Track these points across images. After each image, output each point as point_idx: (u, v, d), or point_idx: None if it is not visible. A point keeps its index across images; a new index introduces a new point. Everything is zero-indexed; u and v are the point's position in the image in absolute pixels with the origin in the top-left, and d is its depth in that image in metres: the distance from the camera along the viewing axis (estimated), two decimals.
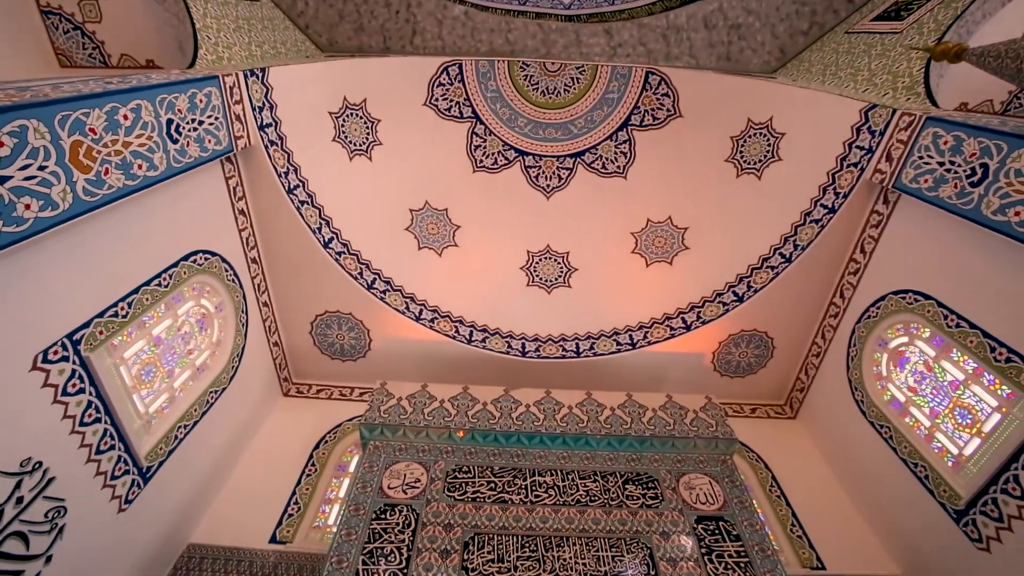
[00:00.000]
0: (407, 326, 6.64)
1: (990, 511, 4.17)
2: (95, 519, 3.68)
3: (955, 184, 4.43)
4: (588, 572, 4.15)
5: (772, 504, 5.82)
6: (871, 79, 6.43)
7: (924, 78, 5.75)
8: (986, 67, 4.54)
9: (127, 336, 4.01)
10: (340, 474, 5.84)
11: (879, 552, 5.25)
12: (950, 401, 4.76)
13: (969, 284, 4.50)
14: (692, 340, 6.83)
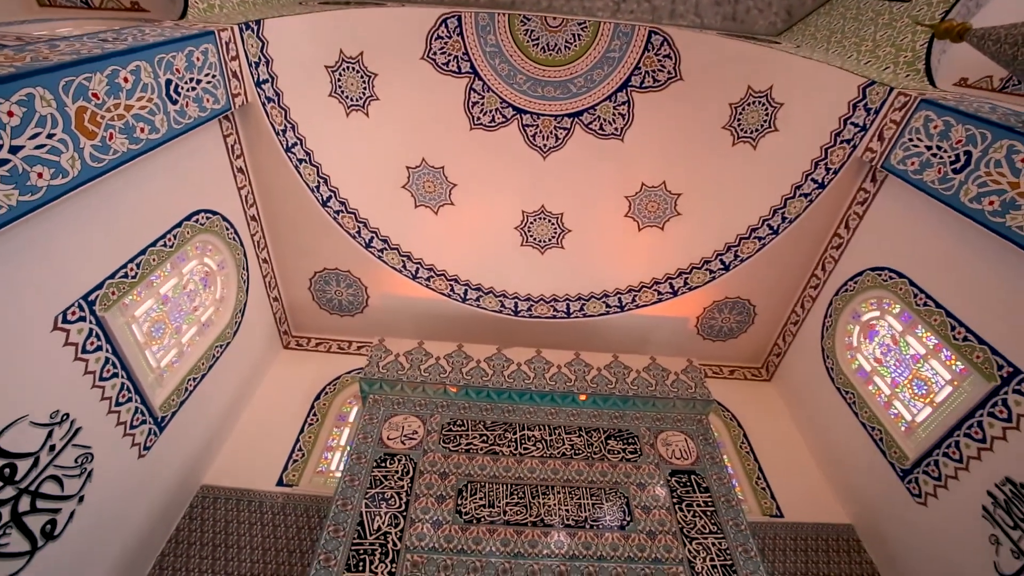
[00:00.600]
0: (404, 284, 6.83)
1: (931, 471, 4.64)
2: (118, 464, 3.98)
3: (939, 169, 4.59)
4: (570, 517, 4.59)
5: (741, 459, 6.33)
6: (874, 50, 6.40)
7: (926, 55, 5.75)
8: (985, 50, 4.59)
9: (137, 295, 4.17)
10: (340, 423, 6.21)
11: (833, 503, 5.82)
12: (910, 373, 5.14)
13: (940, 266, 4.76)
14: (678, 305, 7.12)
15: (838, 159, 5.84)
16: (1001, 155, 4.05)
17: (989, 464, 4.14)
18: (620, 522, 4.60)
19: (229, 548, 4.67)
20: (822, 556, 5.32)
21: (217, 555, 4.61)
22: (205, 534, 4.74)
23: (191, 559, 4.56)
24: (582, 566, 4.23)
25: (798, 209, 6.24)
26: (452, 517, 4.48)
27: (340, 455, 5.88)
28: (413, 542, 4.24)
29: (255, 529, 4.83)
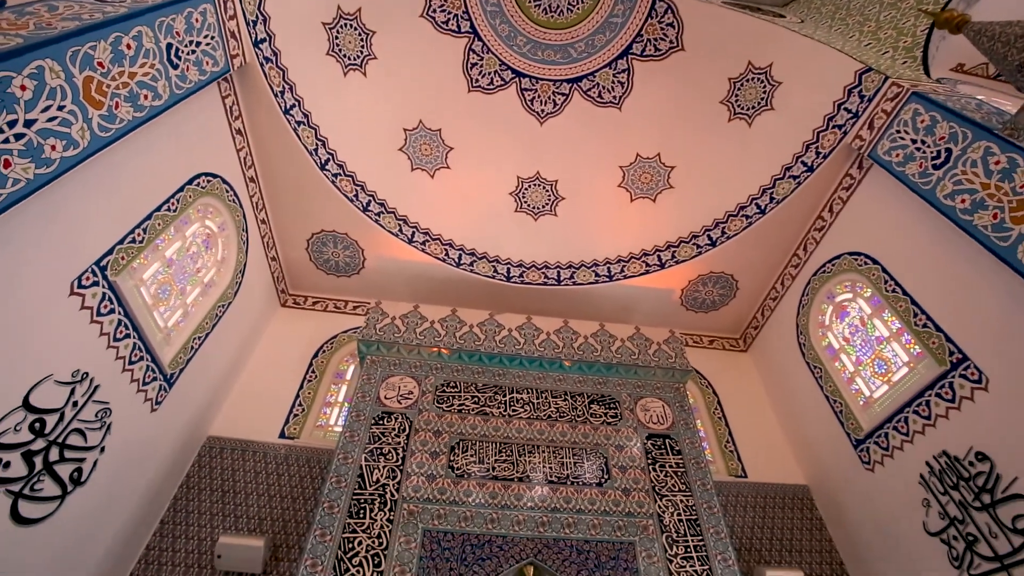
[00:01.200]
0: (400, 247, 6.98)
1: (881, 442, 5.11)
2: (133, 417, 4.25)
3: (921, 163, 4.78)
4: (553, 474, 5.02)
5: (714, 424, 6.82)
6: (876, 31, 6.42)
7: (925, 42, 5.81)
8: (979, 46, 4.70)
9: (144, 259, 4.30)
10: (338, 381, 6.52)
11: (792, 466, 6.36)
12: (873, 353, 5.53)
13: (911, 256, 5.04)
14: (664, 277, 7.39)
15: (829, 144, 5.99)
16: (978, 156, 4.25)
17: (930, 438, 4.60)
18: (598, 479, 5.04)
19: (237, 494, 5.05)
20: (778, 512, 5.89)
21: (226, 500, 4.99)
22: (214, 481, 5.11)
23: (202, 503, 4.93)
24: (562, 517, 4.68)
25: (786, 191, 6.42)
26: (445, 472, 4.86)
27: (338, 411, 6.22)
28: (409, 493, 4.63)
29: (260, 477, 5.21)
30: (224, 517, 4.85)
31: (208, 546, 4.62)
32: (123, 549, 4.30)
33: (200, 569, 4.46)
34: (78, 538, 3.78)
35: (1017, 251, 3.85)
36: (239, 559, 4.41)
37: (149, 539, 4.59)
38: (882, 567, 5.02)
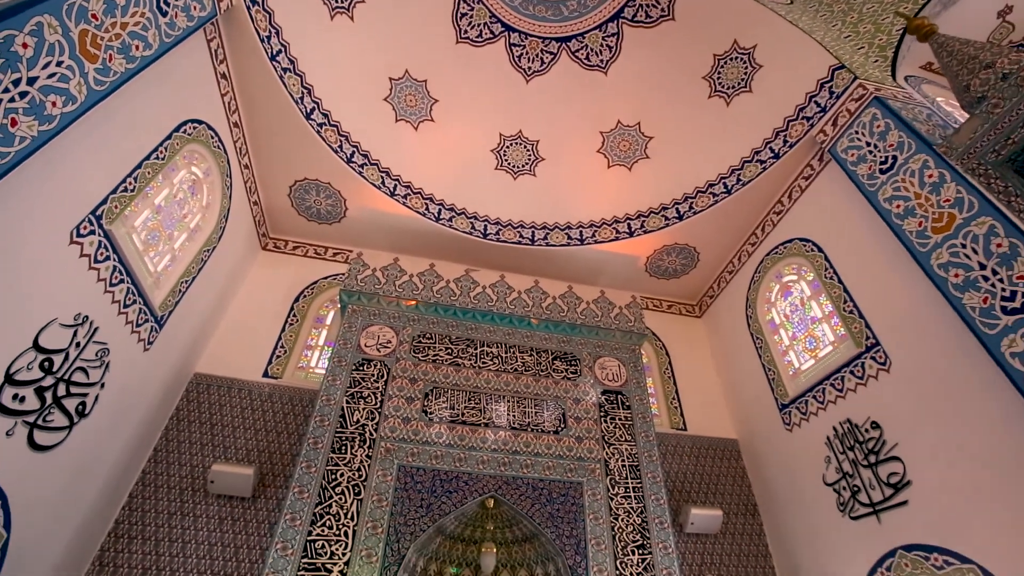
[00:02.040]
0: (382, 200, 7.13)
1: (800, 407, 5.90)
2: (129, 356, 4.53)
3: (870, 166, 5.23)
4: (516, 421, 5.61)
5: (663, 381, 7.55)
6: (857, 25, 6.64)
7: (898, 42, 6.10)
8: (940, 58, 5.06)
9: (135, 207, 4.41)
10: (319, 325, 6.86)
11: (726, 422, 7.21)
12: (806, 331, 6.23)
13: (850, 248, 5.61)
14: (632, 244, 7.83)
15: (796, 134, 6.35)
16: (917, 167, 4.72)
17: (839, 407, 5.37)
18: (555, 428, 5.67)
19: (225, 427, 5.47)
20: (709, 461, 6.75)
21: (215, 432, 5.42)
22: (202, 414, 5.50)
23: (192, 434, 5.35)
24: (521, 459, 5.31)
25: (753, 173, 6.82)
26: (419, 415, 5.39)
27: (319, 354, 6.60)
28: (386, 433, 5.15)
29: (246, 412, 5.63)
30: (214, 448, 5.29)
31: (200, 472, 5.08)
32: (123, 473, 4.72)
33: (194, 492, 4.95)
34: (84, 463, 4.16)
35: (931, 256, 4.42)
36: (230, 485, 4.90)
37: (144, 465, 5.01)
38: (786, 508, 5.96)
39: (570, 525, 5.01)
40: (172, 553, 4.57)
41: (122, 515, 4.68)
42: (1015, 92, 4.00)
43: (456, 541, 5.15)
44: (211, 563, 4.61)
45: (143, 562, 4.48)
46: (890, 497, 4.63)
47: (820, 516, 5.42)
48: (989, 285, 3.92)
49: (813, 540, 5.50)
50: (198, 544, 4.68)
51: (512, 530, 5.27)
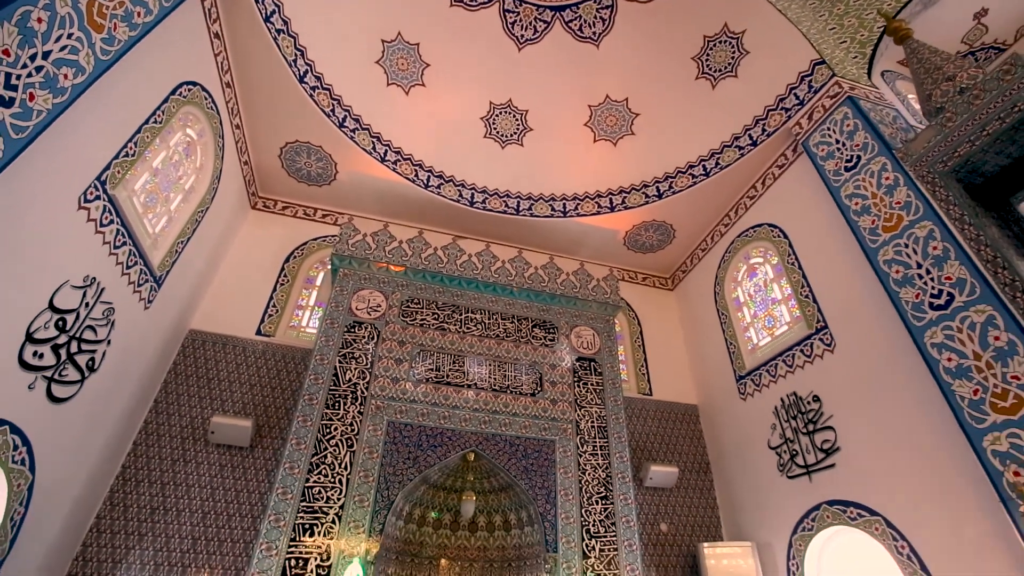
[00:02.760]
0: (372, 165, 7.23)
1: (755, 379, 6.52)
2: (131, 315, 4.74)
3: (837, 163, 5.62)
4: (496, 383, 6.06)
5: (633, 349, 8.10)
6: (842, 18, 6.83)
7: (878, 39, 6.37)
8: (911, 63, 5.38)
9: (135, 171, 4.50)
10: (309, 286, 7.08)
11: (689, 389, 7.85)
12: (766, 310, 6.77)
13: (812, 237, 6.07)
14: (612, 219, 8.17)
15: (774, 124, 6.66)
16: (876, 168, 5.13)
17: (788, 381, 5.99)
18: (532, 390, 6.15)
19: (221, 381, 5.78)
20: (670, 423, 7.41)
21: (212, 386, 5.73)
22: (199, 369, 5.79)
23: (190, 387, 5.65)
24: (500, 418, 5.80)
25: (731, 159, 7.15)
26: (407, 376, 5.78)
27: (309, 313, 6.87)
28: (376, 391, 5.55)
29: (241, 368, 5.93)
30: (211, 401, 5.62)
31: (199, 423, 5.43)
32: (127, 422, 5.03)
33: (195, 441, 5.30)
34: (94, 413, 4.45)
35: (879, 253, 4.90)
36: (229, 435, 5.27)
37: (146, 415, 5.32)
38: (734, 467, 6.68)
39: (542, 477, 5.58)
40: (177, 495, 4.97)
41: (128, 460, 5.03)
42: (966, 108, 4.37)
43: (439, 489, 5.68)
44: (214, 504, 5.04)
45: (151, 502, 4.87)
46: (821, 460, 5.31)
47: (762, 475, 6.13)
48: (922, 283, 4.43)
49: (755, 495, 6.25)
50: (201, 487, 5.08)
51: (490, 481, 5.81)
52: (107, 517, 4.72)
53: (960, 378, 4.01)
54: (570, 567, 5.04)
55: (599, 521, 5.39)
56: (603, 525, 5.39)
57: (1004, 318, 3.82)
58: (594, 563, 5.13)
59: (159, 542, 4.73)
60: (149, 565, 4.62)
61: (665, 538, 6.39)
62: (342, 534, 4.61)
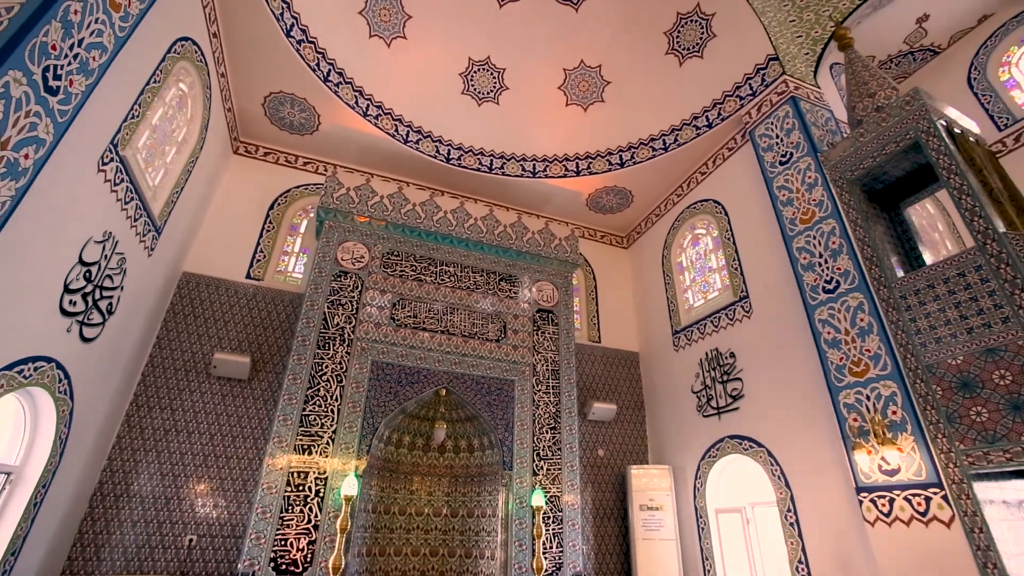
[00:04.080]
0: (355, 119, 7.49)
1: (687, 335, 7.67)
2: (138, 262, 5.20)
3: (774, 156, 6.45)
4: (466, 330, 6.91)
5: (588, 301, 9.09)
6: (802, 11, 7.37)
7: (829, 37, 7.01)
8: (846, 72, 6.13)
9: (139, 130, 4.78)
10: (293, 233, 7.52)
11: (632, 339, 8.99)
12: (703, 276, 7.81)
13: (747, 218, 7.00)
14: (578, 182, 8.83)
15: (729, 110, 7.34)
16: (803, 166, 6.00)
17: (713, 339, 7.14)
18: (497, 337, 7.06)
19: (217, 321, 6.36)
20: (614, 367, 8.59)
21: (209, 325, 6.30)
22: (195, 309, 6.32)
23: (188, 326, 6.21)
24: (469, 360, 6.71)
25: (688, 137, 7.85)
26: (388, 321, 6.54)
27: (295, 260, 7.38)
28: (361, 335, 6.30)
29: (234, 309, 6.50)
30: (209, 338, 6.22)
31: (200, 358, 6.06)
32: (136, 357, 5.62)
33: (197, 374, 5.97)
34: (112, 350, 5.02)
35: (794, 240, 5.88)
36: (230, 370, 5.96)
37: (151, 351, 5.90)
38: (663, 407, 7.98)
39: (502, 411, 6.62)
40: (186, 419, 5.71)
41: (139, 389, 5.67)
42: (875, 128, 5.22)
43: (415, 418, 6.65)
44: (219, 428, 5.82)
45: (163, 425, 5.60)
46: (729, 404, 6.58)
47: (684, 414, 7.43)
48: (820, 270, 5.47)
49: (677, 429, 7.58)
50: (207, 413, 5.83)
51: (458, 412, 6.82)
52: (126, 436, 5.44)
53: (833, 348, 5.16)
54: (522, 482, 6.22)
55: (547, 447, 6.54)
56: (551, 450, 6.55)
57: (869, 304, 4.92)
58: (542, 479, 6.32)
59: (174, 457, 5.52)
60: (168, 476, 5.43)
61: (601, 461, 7.72)
62: (335, 454, 5.53)
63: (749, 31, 7.04)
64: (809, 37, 7.21)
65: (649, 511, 7.05)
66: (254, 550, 4.84)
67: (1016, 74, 7.59)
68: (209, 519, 5.45)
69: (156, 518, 5.25)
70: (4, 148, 2.86)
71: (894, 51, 8.58)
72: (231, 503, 5.59)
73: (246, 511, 5.60)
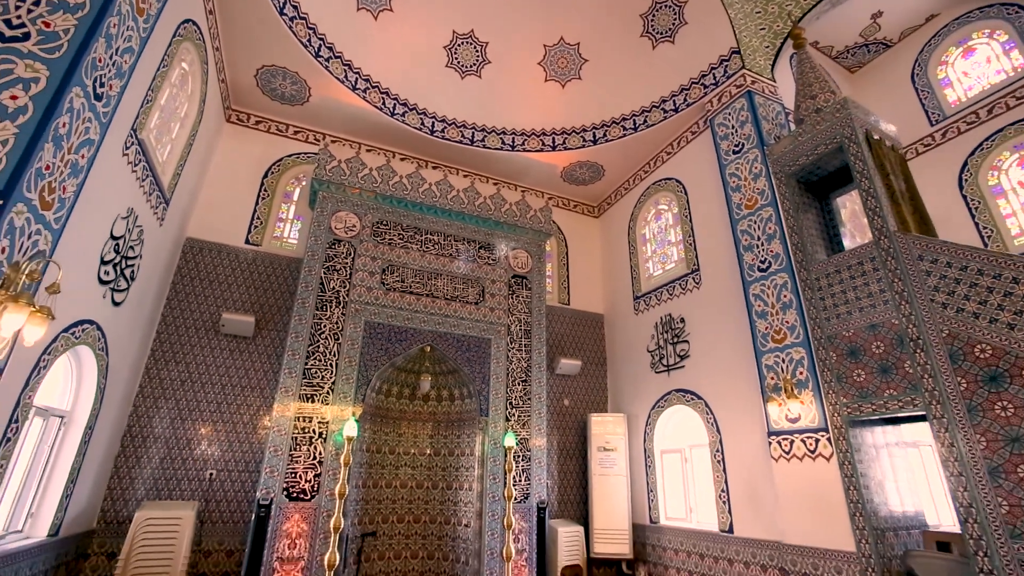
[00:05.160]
0: (344, 92, 7.85)
1: (646, 300, 8.62)
2: (153, 231, 5.72)
3: (728, 144, 7.19)
4: (448, 294, 7.68)
5: (559, 266, 9.91)
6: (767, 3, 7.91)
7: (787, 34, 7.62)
8: (796, 72, 6.81)
9: (152, 113, 5.20)
10: (287, 200, 8.01)
11: (599, 301, 9.93)
12: (663, 249, 8.68)
13: (703, 198, 7.81)
14: (553, 156, 9.42)
15: (694, 96, 7.98)
16: (751, 157, 6.78)
17: (667, 305, 8.11)
18: (476, 300, 7.86)
19: (221, 283, 6.95)
20: (581, 327, 9.54)
21: (214, 287, 6.90)
22: (201, 272, 6.89)
23: (195, 288, 6.79)
24: (451, 321, 7.52)
25: (656, 119, 8.49)
26: (379, 286, 7.25)
27: (290, 226, 7.91)
28: (355, 298, 7.00)
29: (237, 272, 7.09)
30: (216, 299, 6.84)
31: (207, 317, 6.70)
32: (151, 317, 6.23)
33: (207, 332, 6.62)
34: (134, 312, 5.63)
35: (739, 223, 6.75)
36: (236, 328, 6.63)
37: (163, 310, 6.50)
38: (622, 363, 9.03)
39: (480, 366, 7.51)
40: (199, 371, 6.43)
41: (155, 346, 6.33)
42: (811, 129, 5.99)
43: (403, 371, 7.51)
44: (229, 379, 6.56)
45: (180, 375, 6.31)
46: (677, 363, 7.62)
47: (640, 369, 8.49)
48: (757, 251, 6.37)
49: (632, 383, 8.66)
50: (217, 366, 6.55)
51: (441, 366, 7.69)
52: (147, 386, 6.14)
53: (761, 319, 6.15)
54: (496, 427, 7.21)
55: (519, 397, 7.52)
56: (522, 400, 7.53)
57: (792, 283, 5.87)
58: (513, 424, 7.33)
59: (191, 404, 6.28)
60: (187, 420, 6.21)
61: (566, 409, 8.80)
62: (334, 402, 6.37)
63: (717, 22, 7.59)
64: (771, 30, 7.80)
65: (605, 452, 8.21)
66: (269, 481, 5.73)
67: (951, 73, 8.40)
68: (225, 457, 6.30)
69: (180, 455, 6.07)
70: (70, 152, 3.40)
71: (850, 43, 9.26)
72: (243, 444, 6.43)
73: (257, 450, 6.45)
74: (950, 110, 8.20)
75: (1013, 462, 3.82)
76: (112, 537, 5.50)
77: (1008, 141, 7.35)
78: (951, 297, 4.40)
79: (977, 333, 4.17)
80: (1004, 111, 7.45)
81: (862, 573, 4.61)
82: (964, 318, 4.27)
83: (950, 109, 8.21)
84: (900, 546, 4.76)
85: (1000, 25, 7.85)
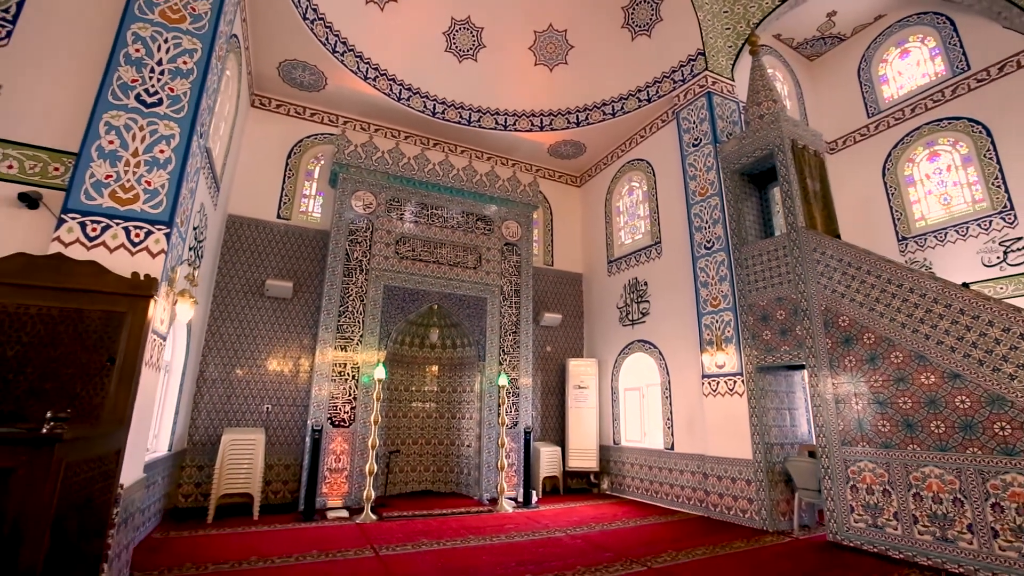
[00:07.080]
0: (356, 82, 8.81)
1: (618, 264, 10.17)
2: (211, 215, 6.95)
3: (690, 137, 8.49)
4: (451, 261, 9.11)
5: (545, 232, 11.31)
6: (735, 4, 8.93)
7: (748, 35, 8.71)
8: (750, 77, 8.02)
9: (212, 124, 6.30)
10: (309, 178, 9.15)
11: (578, 263, 11.44)
12: (633, 221, 10.12)
13: (667, 181, 9.17)
14: (541, 136, 10.56)
15: (665, 90, 9.13)
16: (706, 152, 8.10)
17: (634, 270, 9.67)
18: (474, 265, 9.31)
19: (263, 251, 8.26)
20: (562, 285, 11.11)
21: (254, 256, 8.21)
22: (245, 242, 8.17)
23: (239, 258, 8.10)
24: (454, 283, 9.00)
25: (632, 107, 9.64)
26: (394, 255, 8.63)
27: (312, 202, 9.11)
28: (374, 266, 8.40)
29: (273, 241, 8.39)
30: (258, 267, 8.18)
31: (252, 283, 8.07)
32: (210, 284, 7.59)
33: (253, 295, 8.01)
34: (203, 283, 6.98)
35: (693, 208, 8.19)
36: (278, 292, 8.03)
37: (216, 277, 7.84)
38: (597, 317, 10.69)
39: (478, 320, 9.09)
40: (251, 327, 7.89)
41: (213, 307, 7.73)
42: (752, 134, 7.32)
43: (416, 325, 9.06)
44: (275, 333, 8.05)
45: (237, 331, 7.78)
46: (640, 318, 9.29)
47: (610, 323, 10.17)
48: (704, 232, 7.87)
49: (604, 334, 10.36)
50: (264, 323, 8.01)
51: (446, 320, 9.25)
52: (211, 340, 7.61)
53: (704, 287, 7.75)
54: (492, 369, 8.89)
55: (510, 345, 9.17)
56: (512, 347, 9.18)
57: (728, 260, 7.43)
58: (505, 367, 9.01)
59: (249, 351, 7.79)
60: (244, 367, 7.74)
61: (549, 355, 10.52)
62: (362, 351, 7.93)
63: (689, 21, 8.63)
64: (735, 31, 8.87)
65: (580, 389, 10.03)
66: (317, 412, 7.38)
67: (889, 71, 9.63)
68: (276, 394, 7.90)
69: (242, 393, 7.65)
70: (189, 182, 4.65)
71: (809, 36, 10.34)
72: (289, 384, 8.03)
73: (301, 389, 8.06)
74: (884, 105, 9.50)
75: (849, 398, 5.58)
76: (198, 454, 7.16)
77: (923, 138, 8.77)
78: (830, 281, 6.01)
79: (842, 308, 5.82)
80: (923, 111, 8.81)
81: (755, 472, 6.52)
82: (835, 296, 5.90)
83: (884, 104, 9.51)
84: (783, 455, 6.66)
85: (930, 32, 9.02)
